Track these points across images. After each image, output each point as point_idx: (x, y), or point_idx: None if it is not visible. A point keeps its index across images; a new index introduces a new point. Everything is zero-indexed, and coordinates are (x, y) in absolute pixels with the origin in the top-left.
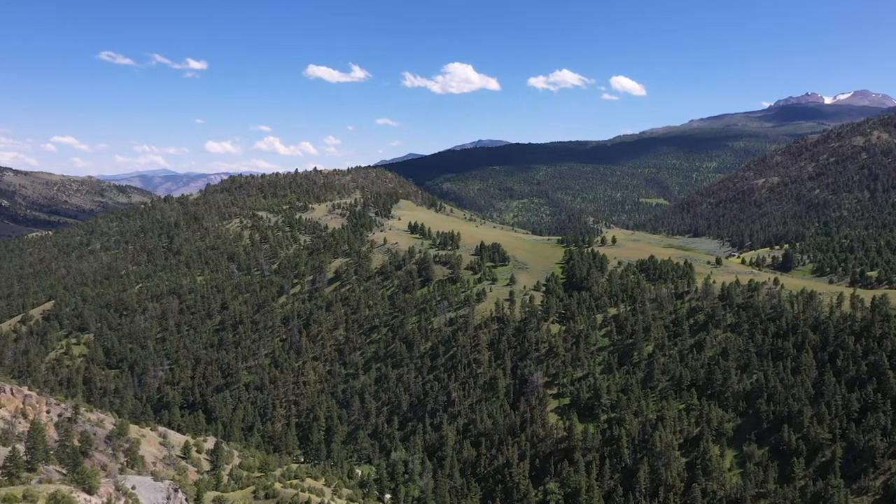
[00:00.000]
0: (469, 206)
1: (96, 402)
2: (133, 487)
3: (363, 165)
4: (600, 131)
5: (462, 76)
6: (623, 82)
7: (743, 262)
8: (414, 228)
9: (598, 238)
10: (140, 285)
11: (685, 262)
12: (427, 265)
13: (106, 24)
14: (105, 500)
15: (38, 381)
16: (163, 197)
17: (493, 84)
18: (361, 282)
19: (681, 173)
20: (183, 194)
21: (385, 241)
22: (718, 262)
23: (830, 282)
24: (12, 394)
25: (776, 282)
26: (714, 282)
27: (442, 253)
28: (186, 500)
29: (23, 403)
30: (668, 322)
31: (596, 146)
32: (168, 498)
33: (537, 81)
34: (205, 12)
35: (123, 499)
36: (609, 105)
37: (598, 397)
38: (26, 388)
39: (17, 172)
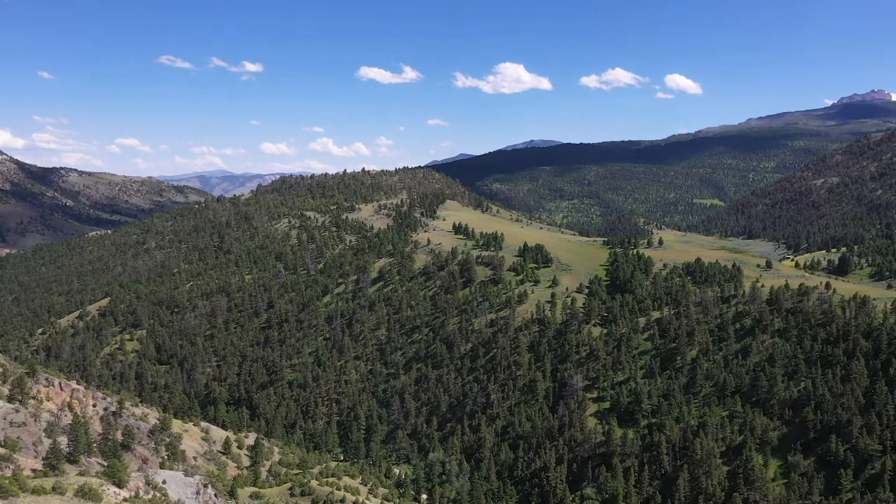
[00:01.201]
0: (519, 206)
1: (147, 397)
2: (164, 482)
3: (413, 166)
4: (654, 131)
5: (513, 76)
6: (678, 81)
7: (797, 265)
8: (458, 229)
9: (645, 240)
10: (191, 283)
11: (733, 265)
12: (469, 266)
13: (166, 30)
14: (133, 493)
15: (93, 375)
16: (216, 197)
17: (544, 84)
18: (404, 282)
19: (737, 173)
20: (235, 194)
21: (429, 241)
22: (768, 265)
23: (889, 286)
24: (60, 388)
25: (828, 286)
26: (762, 286)
27: (485, 254)
28: (216, 495)
29: (70, 397)
30: (713, 326)
31: (649, 146)
32: (197, 493)
33: (590, 81)
34: (260, 16)
35: (152, 492)
36: (663, 104)
37: (638, 402)
38: (74, 382)
39: (81, 173)
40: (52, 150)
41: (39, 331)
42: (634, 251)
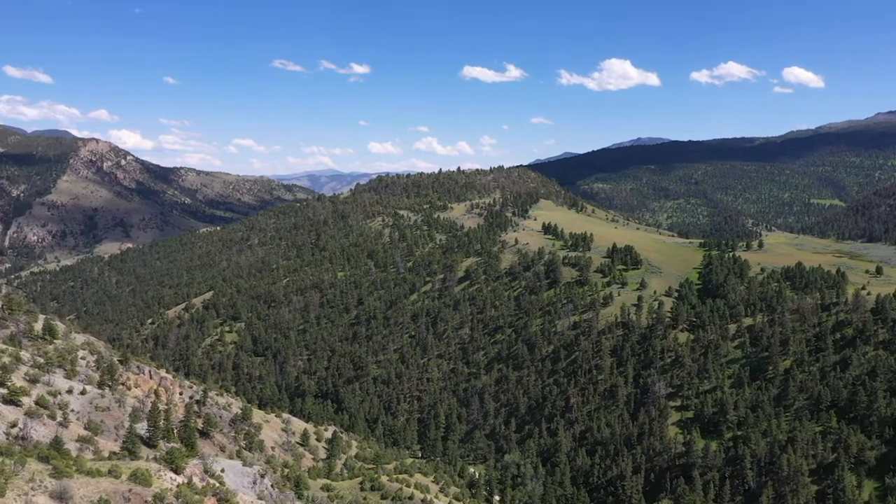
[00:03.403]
0: (620, 206)
1: (241, 387)
2: (222, 470)
3: (515, 165)
4: (770, 127)
5: (620, 72)
6: (797, 74)
7: None
8: (547, 229)
9: (744, 242)
10: (287, 279)
11: (837, 271)
12: (555, 267)
13: (278, 35)
14: (186, 480)
15: (194, 364)
16: (317, 195)
17: (652, 79)
18: (490, 282)
19: (861, 172)
20: (334, 193)
21: (516, 241)
22: (879, 271)
23: None
24: (150, 376)
25: None
26: (868, 293)
27: (572, 255)
28: (272, 486)
29: (158, 385)
30: (810, 336)
31: (764, 143)
32: (254, 483)
33: (700, 76)
34: (367, 19)
35: (208, 479)
36: (781, 99)
37: (723, 413)
38: (164, 371)
39: (198, 173)
40: (176, 150)
41: (150, 321)
42: (731, 254)
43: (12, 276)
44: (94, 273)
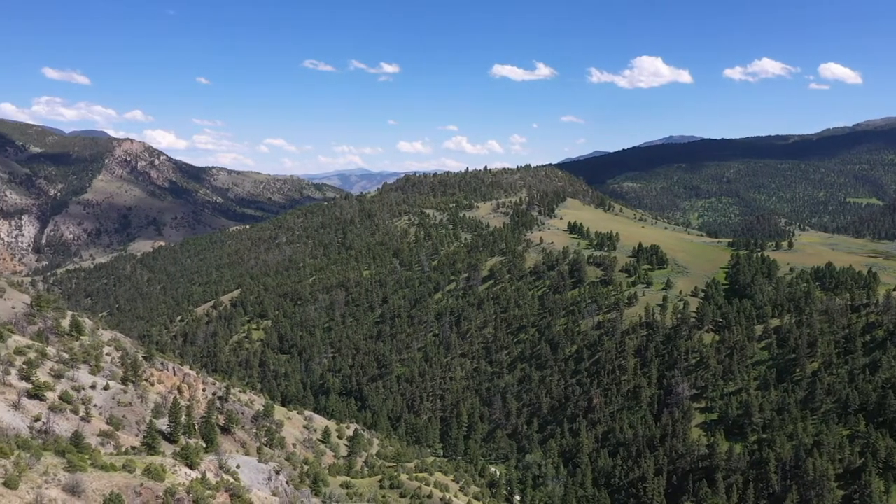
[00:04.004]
0: (650, 205)
1: (267, 384)
2: (237, 466)
3: (545, 164)
4: (805, 125)
5: (651, 70)
6: (834, 69)
7: None
8: (573, 228)
9: (773, 242)
10: (314, 277)
11: (869, 271)
12: (580, 266)
13: (309, 35)
14: (200, 475)
15: (221, 361)
16: (344, 194)
17: (684, 77)
18: (514, 281)
19: None
20: (361, 192)
21: (541, 240)
22: None
23: None
24: (174, 372)
25: None
26: None
27: (597, 254)
28: (287, 482)
29: (182, 381)
30: (839, 338)
31: (799, 140)
32: (269, 479)
33: (734, 73)
34: (397, 19)
35: (222, 475)
36: (817, 95)
37: (748, 415)
38: (187, 367)
39: (230, 172)
40: (209, 150)
41: (179, 318)
42: (759, 253)
43: (48, 274)
44: (127, 271)
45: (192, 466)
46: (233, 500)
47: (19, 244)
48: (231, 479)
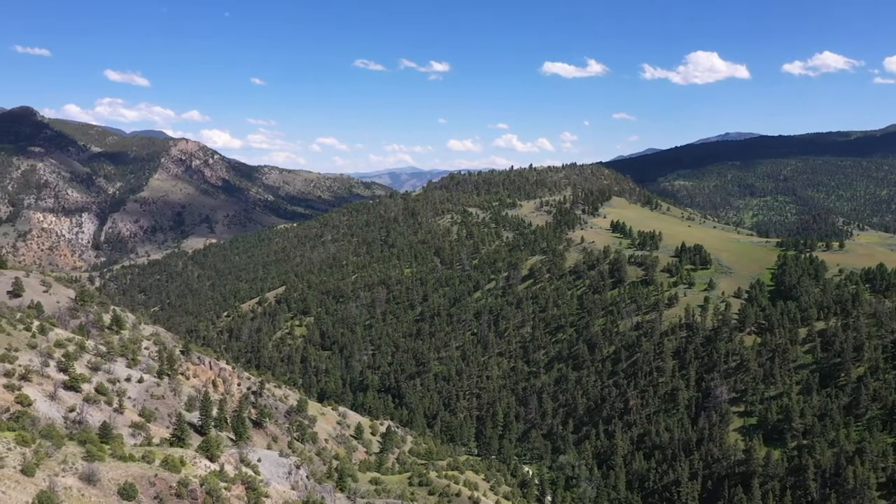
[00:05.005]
0: (703, 204)
1: (308, 380)
2: (258, 460)
3: (594, 162)
4: (869, 120)
5: (706, 65)
6: None
7: None
8: (616, 227)
9: (823, 242)
10: (356, 275)
11: None
12: (620, 266)
13: (359, 34)
14: (219, 467)
15: (265, 357)
16: (389, 193)
17: (741, 72)
18: (553, 280)
19: None
20: (406, 191)
21: (582, 239)
22: None
23: None
24: (210, 367)
25: None
26: None
27: (638, 253)
28: (307, 477)
29: (217, 375)
30: (887, 342)
31: (862, 137)
32: (289, 473)
33: (793, 67)
34: (448, 17)
35: (241, 468)
36: (882, 90)
37: (789, 420)
38: (223, 362)
39: (281, 171)
40: (263, 149)
41: (225, 314)
42: (808, 254)
43: (105, 270)
44: (179, 267)
45: (212, 459)
46: (248, 493)
47: (80, 241)
48: (250, 472)
